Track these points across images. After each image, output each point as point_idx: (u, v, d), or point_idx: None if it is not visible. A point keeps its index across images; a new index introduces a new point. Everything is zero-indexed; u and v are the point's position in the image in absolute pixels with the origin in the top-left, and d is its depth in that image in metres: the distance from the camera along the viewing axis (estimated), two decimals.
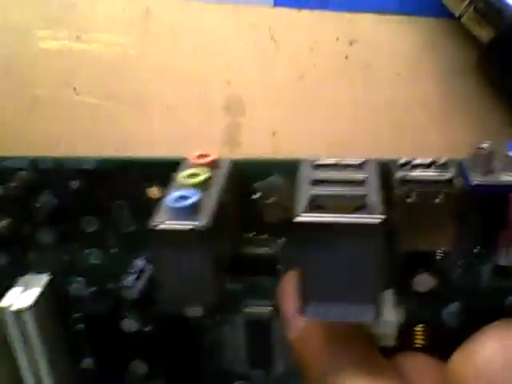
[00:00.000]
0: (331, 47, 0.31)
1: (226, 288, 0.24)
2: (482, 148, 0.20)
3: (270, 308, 0.25)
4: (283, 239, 0.24)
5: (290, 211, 0.18)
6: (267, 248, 0.24)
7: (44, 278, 0.25)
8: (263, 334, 0.25)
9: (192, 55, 0.32)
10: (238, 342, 0.26)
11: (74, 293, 0.26)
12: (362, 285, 0.18)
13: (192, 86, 0.31)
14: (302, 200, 0.18)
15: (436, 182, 0.19)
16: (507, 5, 0.25)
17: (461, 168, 0.20)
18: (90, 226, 0.24)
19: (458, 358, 0.19)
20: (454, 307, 0.23)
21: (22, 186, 0.23)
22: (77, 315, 0.27)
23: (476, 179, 0.19)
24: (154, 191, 0.23)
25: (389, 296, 0.23)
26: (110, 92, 0.32)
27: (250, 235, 0.24)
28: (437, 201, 0.19)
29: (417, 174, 0.19)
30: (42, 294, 0.24)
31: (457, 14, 0.27)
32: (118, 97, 0.32)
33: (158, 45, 0.32)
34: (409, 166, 0.20)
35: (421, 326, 0.24)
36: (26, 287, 0.24)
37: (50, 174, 0.23)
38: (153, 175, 0.23)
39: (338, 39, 0.31)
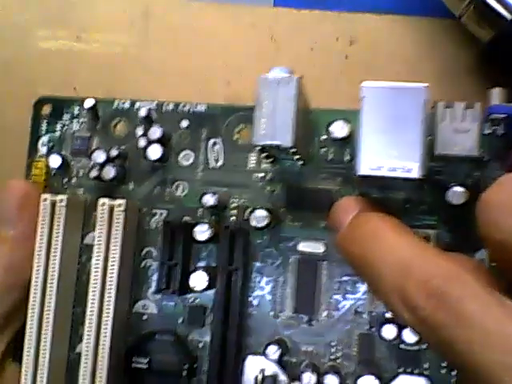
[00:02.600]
0: (331, 47, 0.31)
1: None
2: None
3: (323, 249, 0.26)
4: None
5: None
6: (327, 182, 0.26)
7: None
8: (313, 275, 0.26)
9: (192, 55, 0.32)
10: (286, 282, 0.26)
11: (152, 226, 0.28)
12: (410, 144, 0.21)
13: (192, 85, 0.31)
14: None
15: None
16: (506, 4, 0.25)
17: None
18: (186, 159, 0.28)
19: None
20: None
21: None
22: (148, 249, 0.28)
23: None
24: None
25: None
26: (110, 92, 0.32)
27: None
28: None
29: None
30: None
31: (457, 14, 0.27)
32: (117, 96, 0.32)
33: (158, 45, 0.32)
34: None
35: None
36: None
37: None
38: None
39: (337, 39, 0.31)
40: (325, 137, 0.26)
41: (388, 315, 0.25)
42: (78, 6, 0.33)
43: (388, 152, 0.21)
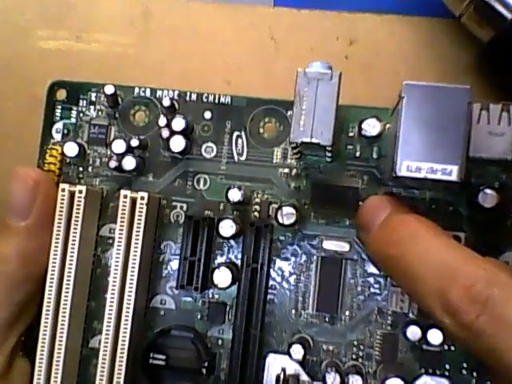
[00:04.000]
0: (331, 47, 0.31)
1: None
2: None
3: (348, 247, 0.26)
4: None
5: None
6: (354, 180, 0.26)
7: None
8: (337, 274, 0.26)
9: (192, 55, 0.32)
10: (310, 280, 0.26)
11: (172, 219, 0.27)
12: (451, 146, 0.20)
13: (192, 85, 0.31)
14: None
15: None
16: (507, 5, 0.25)
17: None
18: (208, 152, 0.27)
19: None
20: None
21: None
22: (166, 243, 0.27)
23: None
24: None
25: None
26: None
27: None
28: None
29: None
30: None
31: (457, 14, 0.27)
32: None
33: (157, 45, 0.32)
34: None
35: None
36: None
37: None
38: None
39: (338, 39, 0.31)
40: (352, 134, 0.26)
41: (412, 316, 0.25)
42: (78, 6, 0.33)
43: (428, 153, 0.20)
